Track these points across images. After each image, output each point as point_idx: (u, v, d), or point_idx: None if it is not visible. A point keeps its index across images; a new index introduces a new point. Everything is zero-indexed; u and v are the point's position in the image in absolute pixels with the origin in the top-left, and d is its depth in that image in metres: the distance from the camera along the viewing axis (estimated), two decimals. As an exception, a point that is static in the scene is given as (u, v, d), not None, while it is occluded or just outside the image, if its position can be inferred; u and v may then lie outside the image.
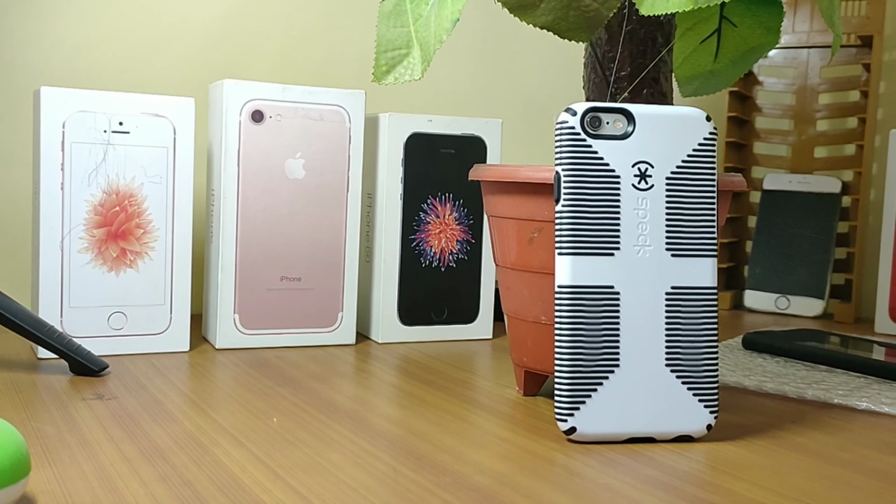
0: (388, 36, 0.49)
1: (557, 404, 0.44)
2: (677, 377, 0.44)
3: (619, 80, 0.51)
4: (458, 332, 0.71)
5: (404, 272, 0.68)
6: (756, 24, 0.59)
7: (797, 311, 0.91)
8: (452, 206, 0.69)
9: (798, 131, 0.96)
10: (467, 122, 0.69)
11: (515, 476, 0.39)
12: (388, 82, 0.48)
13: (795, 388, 0.56)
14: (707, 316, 0.45)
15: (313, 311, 0.66)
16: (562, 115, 0.44)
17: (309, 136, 0.65)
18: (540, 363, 0.51)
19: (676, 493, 0.38)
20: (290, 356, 0.62)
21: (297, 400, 0.51)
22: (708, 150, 0.45)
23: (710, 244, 0.45)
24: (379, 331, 0.68)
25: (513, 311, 0.52)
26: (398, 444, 0.43)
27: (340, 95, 0.66)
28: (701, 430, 0.45)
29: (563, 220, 0.44)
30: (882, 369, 0.59)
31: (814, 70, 0.95)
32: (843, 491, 0.39)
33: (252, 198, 0.64)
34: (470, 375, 0.59)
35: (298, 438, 0.44)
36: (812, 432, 0.48)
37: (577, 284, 0.44)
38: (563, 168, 0.44)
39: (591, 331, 0.44)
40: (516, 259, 0.51)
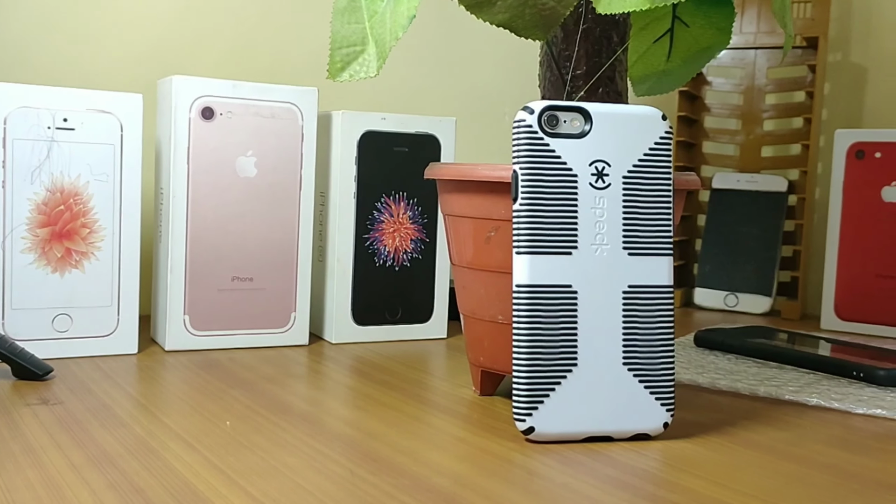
0: (343, 32, 0.49)
1: (515, 404, 0.44)
2: (634, 376, 0.45)
3: (575, 78, 0.51)
4: (413, 332, 0.70)
5: (358, 272, 0.68)
6: (708, 24, 0.60)
7: (745, 308, 0.92)
8: (406, 205, 0.69)
9: (746, 131, 0.98)
10: (421, 121, 0.69)
11: (475, 477, 0.39)
12: (343, 79, 0.47)
13: (748, 384, 0.56)
14: (663, 315, 0.45)
15: (265, 311, 0.65)
16: (519, 114, 0.44)
17: (260, 134, 0.64)
18: (497, 363, 0.51)
19: (636, 492, 0.38)
20: (242, 358, 0.61)
21: (251, 402, 0.50)
22: (664, 149, 0.45)
23: (666, 243, 0.45)
24: (332, 331, 0.68)
25: (469, 310, 0.52)
26: (355, 447, 0.43)
27: (293, 92, 0.65)
28: (658, 429, 0.45)
29: (521, 219, 0.44)
30: (830, 365, 0.60)
31: (761, 71, 0.97)
32: (798, 487, 0.39)
33: (202, 196, 0.62)
34: (425, 376, 0.58)
35: (252, 442, 0.43)
36: (765, 429, 0.48)
37: (534, 283, 0.44)
38: (521, 167, 0.44)
39: (548, 330, 0.44)
40: (473, 258, 0.51)
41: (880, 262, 0.82)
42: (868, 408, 0.52)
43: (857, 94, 0.96)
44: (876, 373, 0.57)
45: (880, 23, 0.94)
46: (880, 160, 0.82)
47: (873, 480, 0.40)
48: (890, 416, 0.51)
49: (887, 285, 0.82)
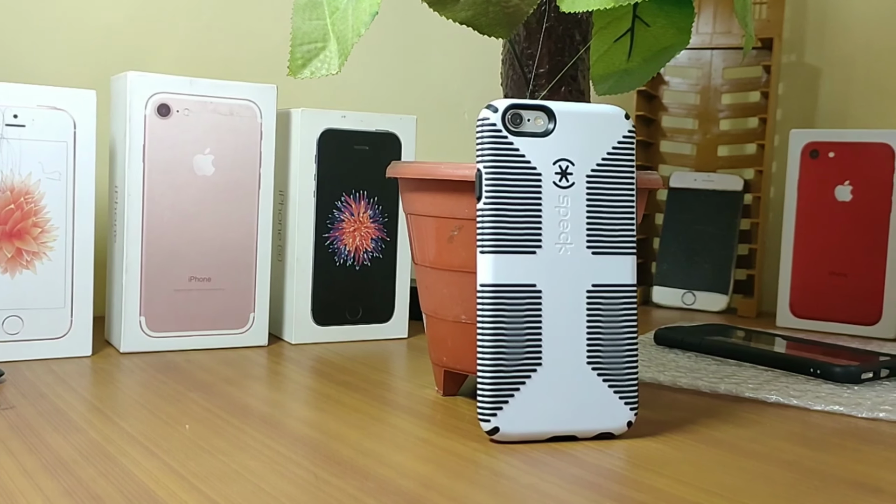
0: (304, 29, 0.48)
1: (480, 404, 0.43)
2: (598, 375, 0.45)
3: (537, 77, 0.51)
4: (374, 332, 0.70)
5: (318, 271, 0.67)
6: (668, 24, 0.60)
7: (702, 306, 0.93)
8: (367, 204, 0.68)
9: (702, 130, 0.99)
10: (381, 119, 0.68)
11: (440, 479, 0.39)
12: (304, 76, 0.47)
13: (708, 382, 0.57)
14: (627, 313, 0.45)
15: (224, 312, 0.64)
16: (483, 112, 0.44)
17: (218, 132, 0.63)
18: (460, 363, 0.51)
19: (601, 492, 0.38)
20: (200, 359, 0.60)
21: (210, 405, 0.49)
22: (627, 149, 0.46)
23: (629, 242, 0.45)
24: (292, 331, 0.67)
25: (432, 310, 0.52)
26: (318, 449, 0.42)
27: (251, 89, 0.64)
28: (622, 427, 0.45)
29: (485, 218, 0.43)
30: (788, 363, 0.61)
31: (717, 71, 0.98)
32: (760, 483, 0.40)
33: (158, 195, 0.61)
34: (387, 376, 0.58)
35: (213, 445, 0.42)
36: (726, 426, 0.49)
37: (499, 283, 0.43)
38: (485, 165, 0.44)
39: (513, 330, 0.43)
40: (436, 257, 0.50)
41: (834, 260, 0.83)
42: (826, 404, 0.53)
43: (811, 94, 0.97)
44: (832, 370, 0.58)
45: (834, 24, 0.95)
46: (834, 160, 0.83)
47: (834, 476, 0.41)
48: (847, 413, 0.52)
49: (840, 283, 0.83)
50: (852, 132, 0.82)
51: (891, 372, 0.60)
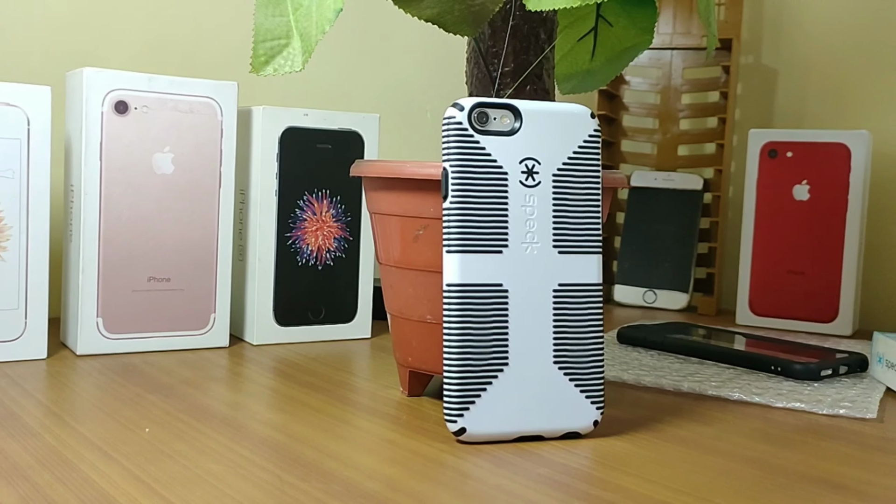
0: (267, 25, 0.47)
1: (447, 405, 0.43)
2: (565, 374, 0.44)
3: (503, 75, 0.51)
4: (336, 332, 0.69)
5: (280, 271, 0.66)
6: (631, 24, 0.60)
7: (663, 304, 0.94)
8: (330, 203, 0.68)
9: (662, 130, 0.99)
10: (344, 117, 0.68)
11: (407, 481, 0.38)
12: (267, 73, 0.46)
13: (672, 380, 0.57)
14: (593, 313, 0.45)
15: (184, 312, 0.63)
16: (449, 111, 0.44)
17: (178, 130, 0.62)
18: (425, 363, 0.50)
19: (569, 492, 0.38)
20: (160, 361, 0.59)
21: (170, 408, 0.48)
22: (593, 148, 0.46)
23: (595, 241, 0.45)
24: (254, 332, 0.66)
25: (397, 310, 0.51)
26: (282, 452, 0.41)
27: (211, 87, 0.63)
28: (588, 427, 0.45)
29: (451, 218, 0.43)
30: (750, 360, 0.61)
31: (677, 71, 0.99)
32: (726, 481, 0.40)
33: (116, 194, 0.60)
34: (351, 377, 0.57)
35: (174, 449, 0.41)
36: (691, 424, 0.49)
37: (465, 283, 0.43)
38: (451, 164, 0.43)
39: (479, 330, 0.43)
40: (400, 257, 0.50)
41: (792, 258, 0.84)
42: (787, 401, 0.53)
43: (768, 95, 0.99)
44: (793, 367, 0.59)
45: (790, 26, 0.97)
46: (792, 159, 0.84)
47: (797, 473, 0.41)
48: (808, 410, 0.52)
49: (798, 281, 0.84)
50: (810, 132, 0.83)
51: (849, 369, 0.61)
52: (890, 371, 0.59)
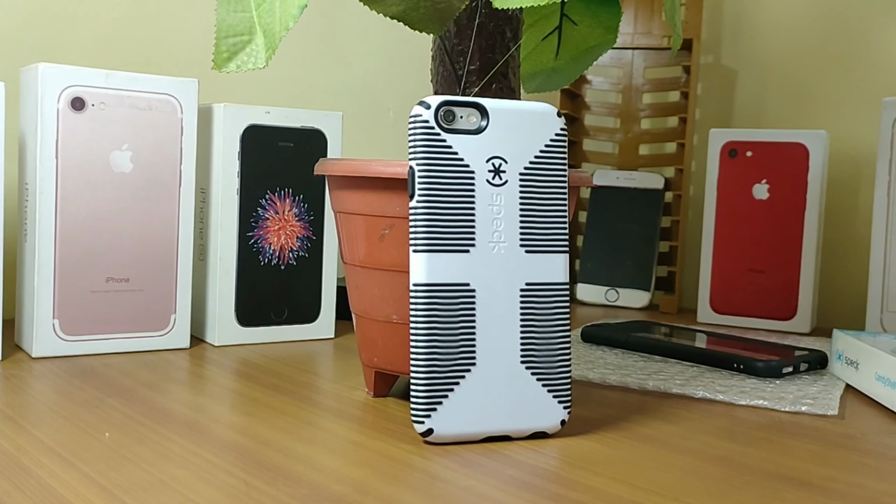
0: (229, 21, 0.46)
1: (414, 406, 0.43)
2: (532, 374, 0.44)
3: (468, 74, 0.51)
4: (299, 333, 0.68)
5: (241, 271, 0.65)
6: (595, 23, 0.60)
7: (625, 302, 0.94)
8: (292, 202, 0.67)
9: (624, 129, 1.00)
10: (306, 115, 0.67)
11: (375, 483, 0.38)
12: (229, 70, 0.45)
13: (637, 379, 0.57)
14: (560, 312, 0.45)
15: (143, 313, 0.61)
16: (415, 109, 0.43)
17: (136, 127, 0.60)
18: (391, 363, 0.50)
19: (539, 493, 0.37)
20: (119, 363, 0.58)
21: (130, 411, 0.47)
22: (559, 147, 0.45)
23: (561, 240, 0.45)
24: (215, 333, 0.65)
25: (362, 310, 0.51)
26: (247, 455, 0.41)
27: (171, 83, 0.62)
28: (555, 426, 0.45)
29: (418, 217, 0.43)
30: (713, 358, 0.62)
31: (638, 70, 0.99)
32: (694, 480, 0.40)
33: (73, 193, 0.58)
34: (315, 378, 0.56)
35: (135, 454, 0.40)
36: (657, 422, 0.49)
37: (432, 282, 0.43)
38: (418, 163, 0.43)
39: (447, 330, 0.43)
40: (366, 256, 0.49)
41: (752, 256, 0.85)
42: (751, 399, 0.54)
43: (728, 94, 1.00)
44: (755, 365, 0.59)
45: (749, 27, 0.98)
46: (751, 159, 0.85)
47: (763, 471, 0.41)
48: (771, 407, 0.53)
49: (758, 279, 0.85)
50: (769, 132, 0.84)
51: (810, 366, 0.62)
52: (849, 368, 0.59)
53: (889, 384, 0.53)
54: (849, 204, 0.91)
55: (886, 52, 0.88)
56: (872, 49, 0.89)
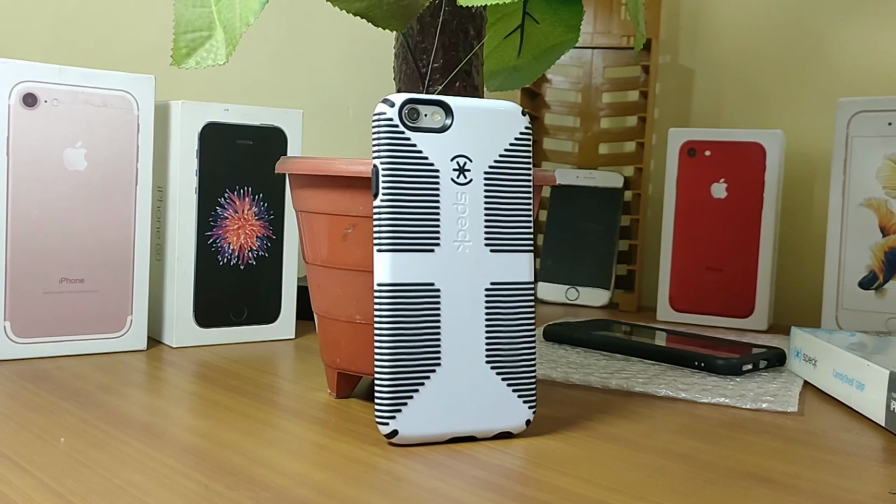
0: (188, 16, 0.45)
1: (378, 407, 0.42)
2: (497, 374, 0.44)
3: (432, 71, 0.50)
4: (260, 333, 0.67)
5: (200, 271, 0.64)
6: (557, 21, 0.60)
7: (586, 301, 0.94)
8: (252, 201, 0.66)
9: (584, 128, 1.00)
10: (266, 112, 0.66)
11: (340, 486, 0.37)
12: (189, 66, 0.44)
13: (600, 378, 0.57)
14: (525, 311, 0.45)
15: (98, 314, 0.60)
16: (379, 107, 0.43)
17: (91, 124, 0.59)
18: (354, 364, 0.49)
19: (505, 493, 0.37)
20: (73, 366, 0.56)
21: (86, 415, 0.46)
22: (523, 145, 0.45)
23: (526, 239, 0.45)
24: (173, 334, 0.64)
25: (324, 310, 0.50)
26: (207, 459, 0.40)
27: (127, 80, 0.60)
28: (520, 426, 0.45)
29: (382, 216, 0.42)
30: (674, 356, 0.62)
31: (597, 70, 1.00)
32: (659, 478, 0.40)
33: (24, 191, 0.57)
34: (276, 379, 0.56)
35: (92, 459, 0.39)
36: (620, 421, 0.49)
37: (397, 282, 0.42)
38: (382, 161, 0.42)
39: (411, 330, 0.42)
40: (328, 256, 0.49)
41: (710, 255, 0.86)
42: (712, 396, 0.54)
43: (686, 94, 1.01)
44: (716, 362, 0.60)
45: (705, 29, 0.99)
46: (710, 158, 0.86)
47: (727, 469, 0.42)
48: (733, 404, 0.53)
49: (716, 277, 0.86)
50: (727, 132, 0.85)
51: (769, 363, 0.63)
52: (807, 365, 0.60)
53: (846, 381, 0.54)
54: (804, 203, 0.93)
55: (841, 53, 0.90)
56: (827, 50, 0.91)
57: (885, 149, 0.76)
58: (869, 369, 0.51)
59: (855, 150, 0.77)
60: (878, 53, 0.87)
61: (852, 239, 0.78)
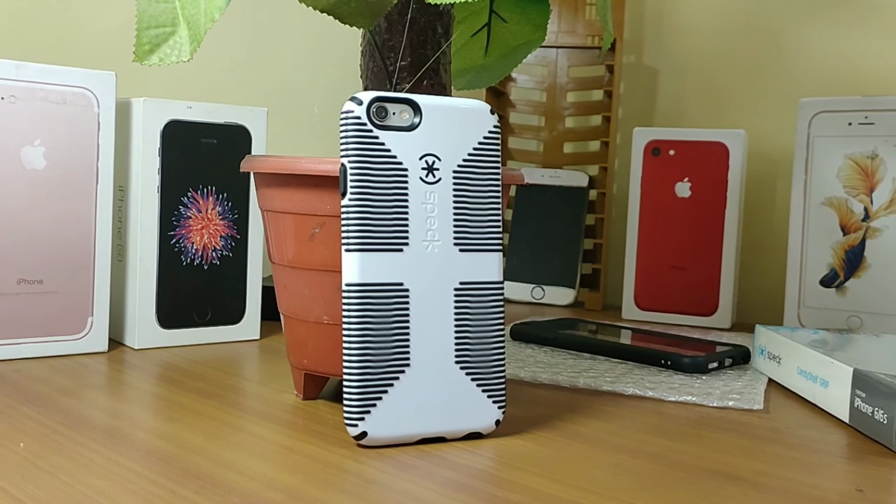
0: (150, 11, 0.44)
1: (347, 408, 0.42)
2: (466, 374, 0.44)
3: (400, 69, 0.50)
4: (224, 334, 0.66)
5: (163, 271, 0.63)
6: (524, 20, 0.60)
7: (551, 300, 0.95)
8: (216, 200, 0.65)
9: (548, 127, 1.00)
10: (230, 111, 0.65)
11: (309, 489, 0.37)
12: (152, 63, 0.43)
13: (568, 377, 0.57)
14: (494, 311, 0.45)
15: (58, 316, 0.59)
16: (347, 105, 0.42)
17: (50, 122, 0.58)
18: (322, 365, 0.49)
19: (476, 495, 0.37)
20: (32, 369, 0.55)
21: (46, 420, 0.45)
22: (492, 144, 0.45)
23: (495, 238, 0.45)
24: (135, 335, 0.62)
25: (291, 311, 0.49)
26: (173, 463, 0.39)
27: (87, 76, 0.59)
28: (490, 427, 0.45)
29: (351, 215, 0.42)
30: (641, 355, 0.62)
31: (562, 69, 1.00)
32: (629, 477, 0.40)
33: (-19, 190, 0.56)
34: (242, 381, 0.55)
35: (53, 465, 0.38)
36: (589, 420, 0.49)
37: (365, 282, 0.42)
38: (350, 160, 0.42)
39: (380, 330, 0.42)
40: (295, 256, 0.48)
41: (674, 254, 0.87)
42: (679, 395, 0.54)
43: (650, 94, 1.01)
44: (682, 360, 0.60)
45: (670, 28, 0.99)
46: (674, 157, 0.86)
47: (696, 467, 0.42)
48: (700, 403, 0.53)
49: (680, 276, 0.86)
50: (691, 131, 0.86)
51: (734, 361, 0.63)
52: (772, 362, 0.61)
53: (811, 378, 0.55)
54: (766, 202, 0.94)
55: (802, 54, 0.91)
56: (789, 51, 0.92)
57: (846, 149, 0.77)
58: (833, 367, 0.52)
59: (816, 149, 0.78)
60: (839, 55, 0.89)
61: (814, 238, 0.79)
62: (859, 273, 0.77)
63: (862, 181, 0.77)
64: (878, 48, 0.86)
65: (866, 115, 0.76)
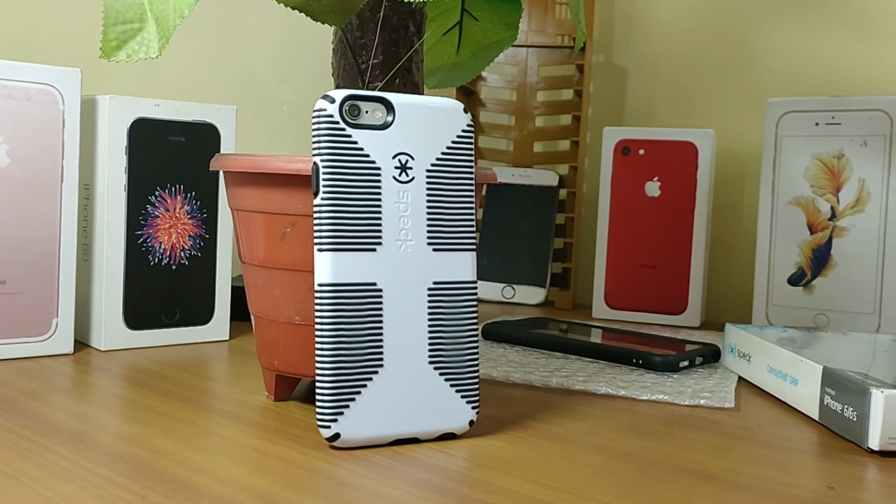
0: (117, 7, 0.44)
1: (320, 410, 0.41)
2: (440, 374, 0.44)
3: (372, 68, 0.50)
4: (192, 335, 0.65)
5: (130, 271, 0.62)
6: (496, 19, 0.60)
7: (521, 299, 0.95)
8: (184, 199, 0.64)
9: (518, 127, 1.00)
10: (198, 108, 0.64)
11: (281, 492, 0.36)
12: (119, 59, 0.43)
13: (540, 376, 0.57)
14: (468, 311, 0.44)
15: (22, 317, 0.58)
16: (319, 103, 0.42)
17: (13, 119, 0.56)
18: (293, 366, 0.48)
19: (451, 496, 0.37)
20: (-4, 371, 0.54)
21: (11, 423, 0.44)
22: (466, 143, 0.45)
23: (469, 237, 0.45)
24: (101, 337, 0.61)
25: (262, 311, 0.49)
26: (142, 467, 0.38)
27: (51, 73, 0.58)
28: (464, 427, 0.44)
29: (323, 215, 0.41)
30: (613, 354, 0.62)
31: (532, 68, 1.00)
32: (604, 477, 0.40)
33: (-58, 188, 0.54)
34: (211, 382, 0.54)
35: (18, 470, 0.37)
36: (562, 420, 0.49)
37: (338, 282, 0.41)
38: (322, 159, 0.41)
39: (353, 331, 0.41)
40: (266, 256, 0.47)
41: (644, 253, 0.87)
42: (651, 394, 0.54)
43: (619, 93, 1.01)
44: (653, 359, 0.60)
45: (639, 27, 1.00)
46: (644, 157, 0.87)
47: (669, 465, 0.42)
48: (671, 401, 0.54)
49: (650, 275, 0.87)
50: (661, 130, 0.86)
51: (704, 359, 0.63)
52: (742, 361, 0.61)
53: (780, 376, 0.55)
54: (735, 201, 0.94)
55: (770, 54, 0.92)
56: (757, 51, 0.93)
57: (813, 148, 0.78)
58: (802, 365, 0.52)
59: (784, 149, 0.79)
60: (806, 55, 0.90)
61: (781, 237, 0.79)
62: (826, 272, 0.78)
63: (829, 181, 0.77)
64: (845, 49, 0.87)
65: (833, 116, 0.77)
